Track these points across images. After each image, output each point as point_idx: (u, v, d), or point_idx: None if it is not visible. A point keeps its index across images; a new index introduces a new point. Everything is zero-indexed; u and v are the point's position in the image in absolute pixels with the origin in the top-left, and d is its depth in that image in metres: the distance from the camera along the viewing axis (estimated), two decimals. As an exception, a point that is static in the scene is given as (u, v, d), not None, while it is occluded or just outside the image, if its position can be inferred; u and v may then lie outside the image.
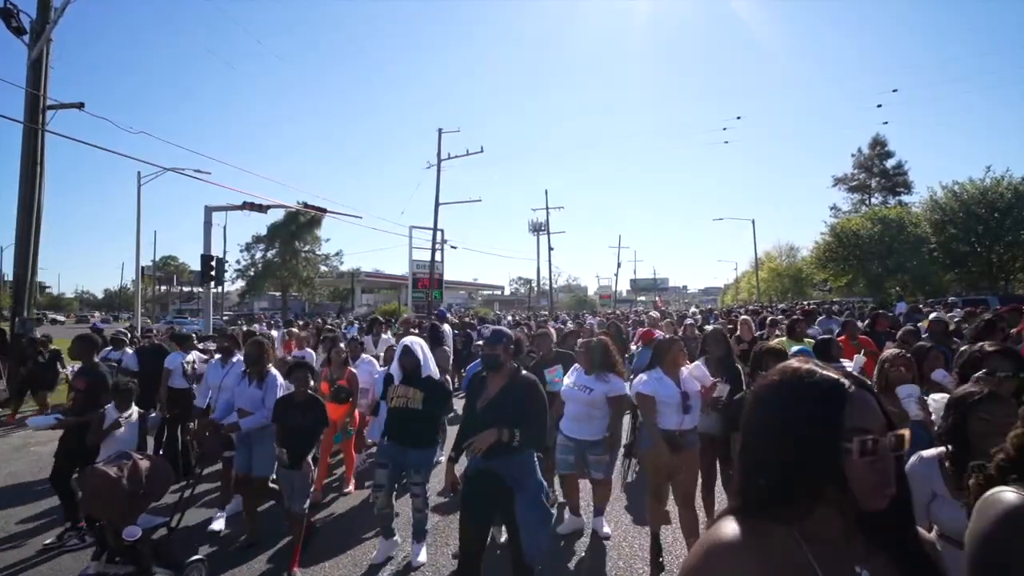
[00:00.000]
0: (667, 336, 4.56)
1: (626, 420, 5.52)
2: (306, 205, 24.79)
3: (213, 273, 19.45)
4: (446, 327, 9.85)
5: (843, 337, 5.86)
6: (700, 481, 3.94)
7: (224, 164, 28.55)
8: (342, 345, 6.32)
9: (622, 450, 5.30)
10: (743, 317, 7.97)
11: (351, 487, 5.59)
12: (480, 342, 6.20)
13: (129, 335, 9.18)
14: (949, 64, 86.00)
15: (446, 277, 67.23)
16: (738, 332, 7.01)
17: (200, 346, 7.29)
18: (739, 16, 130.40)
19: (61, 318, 61.35)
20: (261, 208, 21.61)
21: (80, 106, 11.54)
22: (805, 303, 27.62)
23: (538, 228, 42.89)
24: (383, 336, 8.95)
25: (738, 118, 27.19)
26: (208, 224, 20.56)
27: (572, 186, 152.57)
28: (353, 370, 5.92)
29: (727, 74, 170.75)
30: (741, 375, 4.16)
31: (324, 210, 25.63)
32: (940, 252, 28.75)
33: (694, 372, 3.81)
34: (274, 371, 4.57)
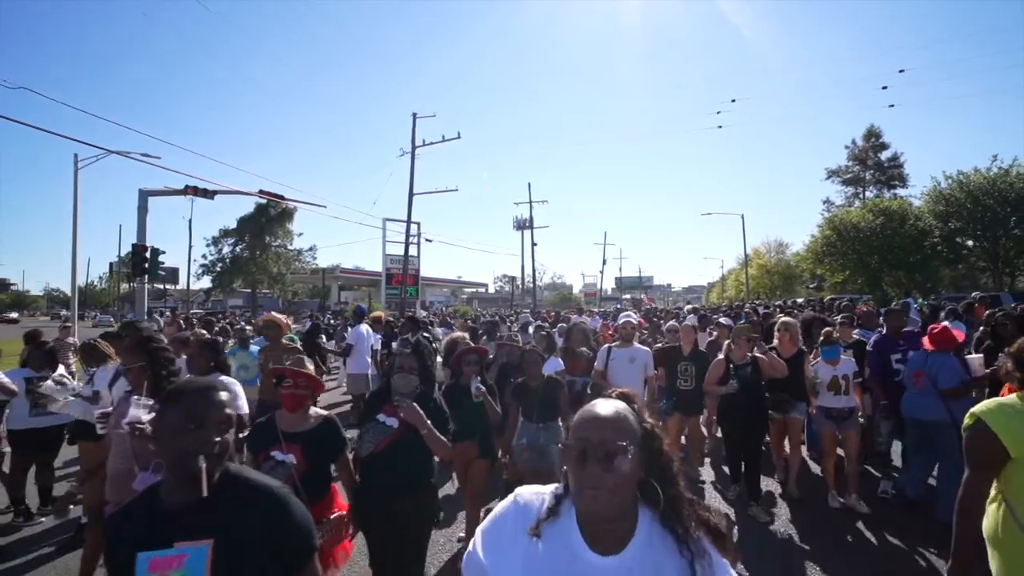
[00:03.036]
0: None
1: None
2: (263, 192, 22.71)
3: (147, 265, 17.37)
4: (363, 327, 8.39)
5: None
6: None
7: (176, 148, 26.15)
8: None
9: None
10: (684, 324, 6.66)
11: None
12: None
13: None
14: (944, 55, 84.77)
15: (428, 274, 65.16)
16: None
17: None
18: (729, 8, 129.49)
19: (14, 315, 58.07)
20: (207, 193, 19.48)
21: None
22: (796, 301, 26.11)
23: (522, 224, 41.47)
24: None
25: (733, 100, 25.80)
26: (143, 210, 18.41)
27: (558, 184, 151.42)
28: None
29: (717, 67, 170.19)
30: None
31: (282, 197, 23.55)
32: (944, 246, 27.45)
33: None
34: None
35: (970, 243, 27.38)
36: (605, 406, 1.11)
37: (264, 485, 1.43)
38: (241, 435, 2.79)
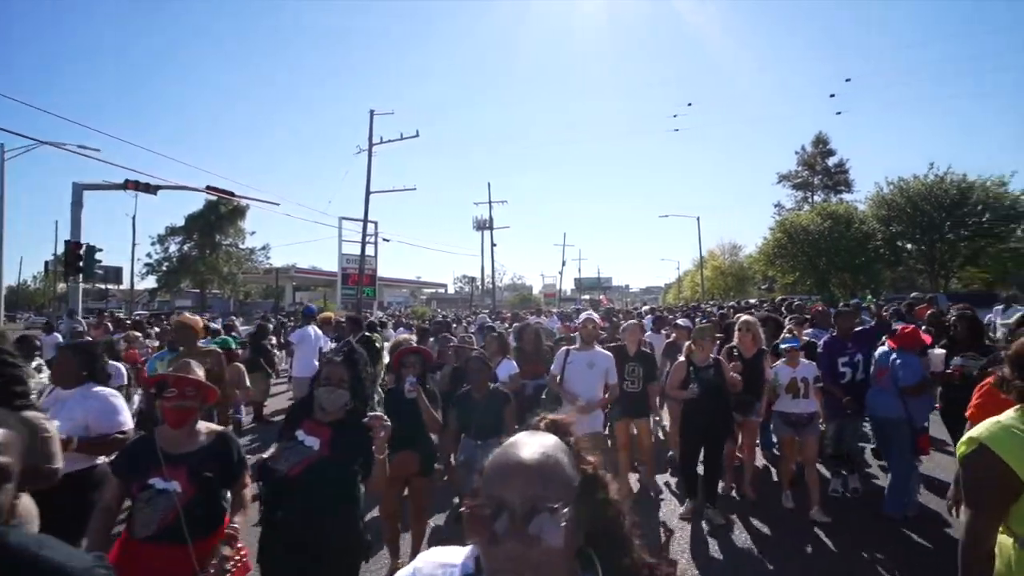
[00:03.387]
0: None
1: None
2: (211, 188, 21.75)
3: (82, 264, 16.38)
4: (310, 328, 8.07)
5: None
6: None
7: (118, 140, 24.64)
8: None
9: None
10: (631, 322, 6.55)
11: None
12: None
13: None
14: (894, 61, 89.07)
15: (387, 274, 64.02)
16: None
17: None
18: (686, 9, 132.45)
19: None
20: (149, 188, 18.54)
21: None
22: (747, 302, 26.83)
23: (482, 225, 41.34)
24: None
25: (689, 104, 26.42)
26: (77, 205, 17.36)
27: (519, 185, 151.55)
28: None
29: (675, 70, 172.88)
30: None
31: (232, 194, 22.65)
32: (885, 249, 28.64)
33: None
34: None
35: (910, 246, 28.79)
36: (528, 447, 0.79)
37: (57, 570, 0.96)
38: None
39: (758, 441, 5.58)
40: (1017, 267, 25.78)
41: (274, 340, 11.35)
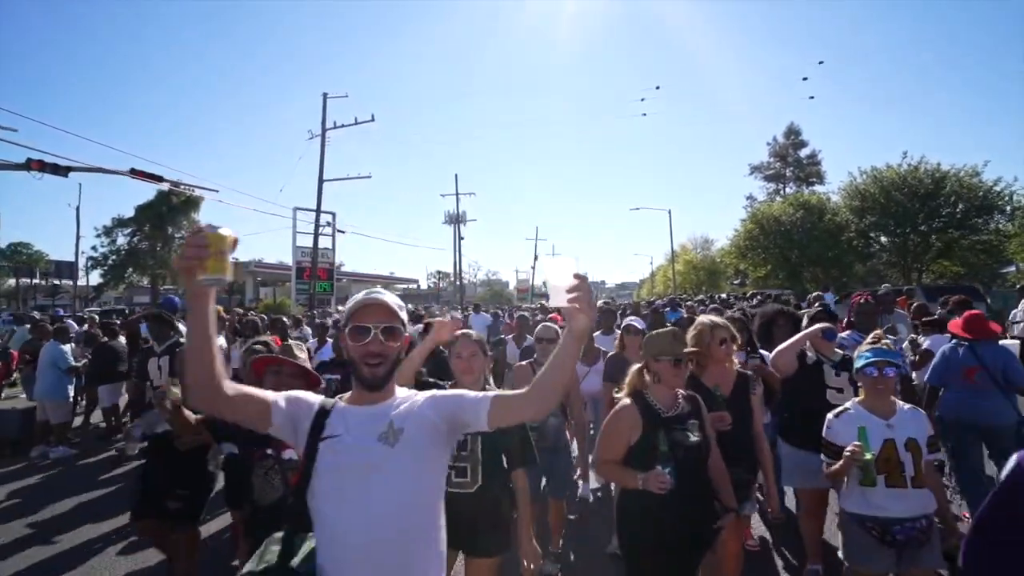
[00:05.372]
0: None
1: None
2: (135, 172, 19.78)
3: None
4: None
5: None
6: None
7: (35, 122, 22.33)
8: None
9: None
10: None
11: None
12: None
13: None
14: (860, 55, 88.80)
15: (357, 270, 61.95)
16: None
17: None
18: (657, 6, 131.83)
19: None
20: (58, 170, 16.47)
21: None
22: (729, 295, 25.91)
23: (452, 219, 40.06)
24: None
25: (657, 88, 25.05)
26: (-31, 187, 15.29)
27: (492, 179, 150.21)
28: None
29: (643, 56, 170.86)
30: None
31: (160, 178, 20.54)
32: (858, 240, 27.98)
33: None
34: None
35: (883, 239, 28.12)
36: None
37: None
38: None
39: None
40: (989, 260, 25.34)
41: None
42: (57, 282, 63.19)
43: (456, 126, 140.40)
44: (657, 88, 38.06)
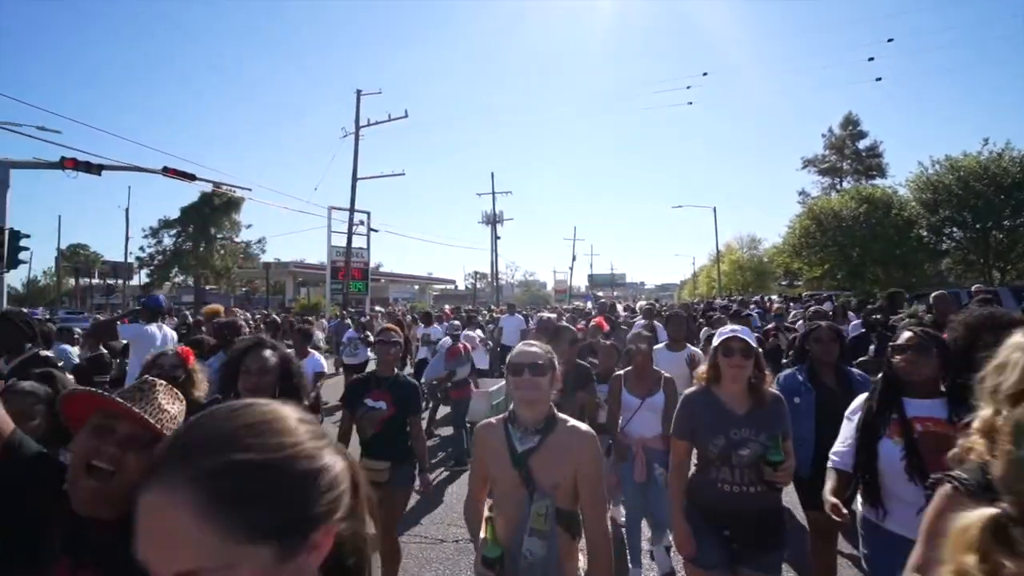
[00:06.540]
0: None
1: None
2: (168, 170, 19.66)
3: (3, 251, 14.26)
4: (152, 327, 5.65)
5: None
6: None
7: (78, 124, 22.67)
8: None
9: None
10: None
11: None
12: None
13: None
14: (927, 40, 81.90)
15: (395, 270, 62.09)
16: None
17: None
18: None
19: None
20: (91, 168, 16.37)
21: None
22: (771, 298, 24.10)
23: (489, 219, 39.39)
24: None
25: (704, 74, 23.17)
26: (3, 184, 15.24)
27: (530, 178, 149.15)
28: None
29: (689, 42, 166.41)
30: None
31: (193, 176, 20.49)
32: (929, 237, 25.45)
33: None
34: None
35: (959, 234, 25.41)
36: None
37: None
38: None
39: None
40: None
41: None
42: (112, 282, 65.77)
43: (491, 122, 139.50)
44: (704, 75, 35.48)
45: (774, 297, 23.51)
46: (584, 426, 1.94)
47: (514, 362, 1.91)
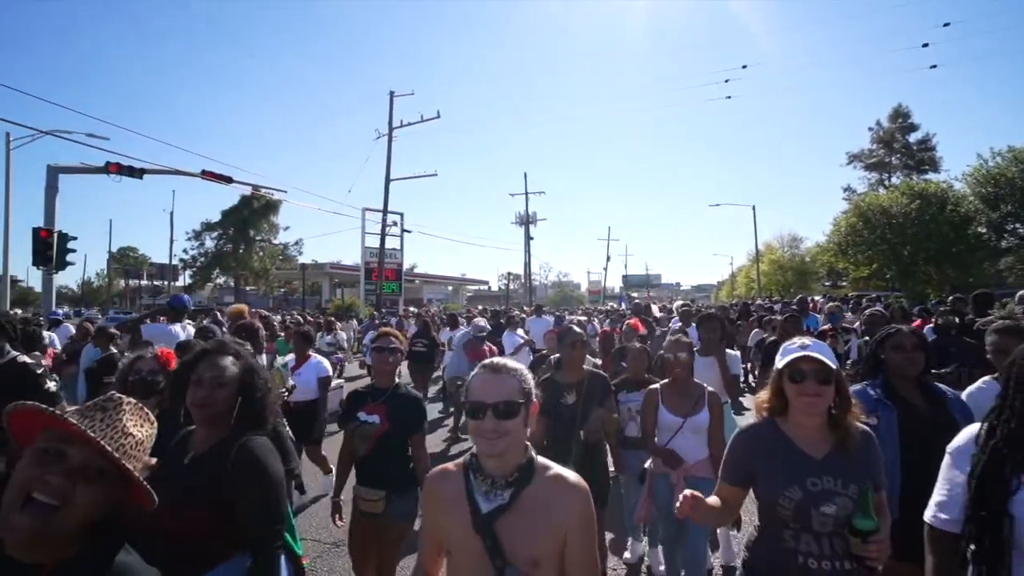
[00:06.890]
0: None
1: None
2: (206, 173, 20.14)
3: (51, 252, 14.81)
4: (176, 327, 5.53)
5: None
6: None
7: (122, 129, 23.46)
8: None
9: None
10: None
11: None
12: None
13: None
14: (981, 24, 76.86)
15: (429, 271, 62.57)
16: None
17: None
18: None
19: (18, 312, 55.96)
20: (133, 172, 16.90)
21: None
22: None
23: (522, 219, 39.51)
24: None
25: (744, 67, 22.10)
26: (52, 189, 15.85)
27: (564, 179, 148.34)
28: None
29: (727, 35, 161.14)
30: None
31: (229, 179, 20.96)
32: (989, 234, 23.98)
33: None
34: None
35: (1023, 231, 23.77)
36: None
37: None
38: None
39: None
40: None
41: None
42: (159, 283, 68.39)
43: (523, 121, 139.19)
44: (744, 67, 34.16)
45: (817, 298, 22.50)
46: (573, 475, 1.46)
47: (473, 399, 1.40)
